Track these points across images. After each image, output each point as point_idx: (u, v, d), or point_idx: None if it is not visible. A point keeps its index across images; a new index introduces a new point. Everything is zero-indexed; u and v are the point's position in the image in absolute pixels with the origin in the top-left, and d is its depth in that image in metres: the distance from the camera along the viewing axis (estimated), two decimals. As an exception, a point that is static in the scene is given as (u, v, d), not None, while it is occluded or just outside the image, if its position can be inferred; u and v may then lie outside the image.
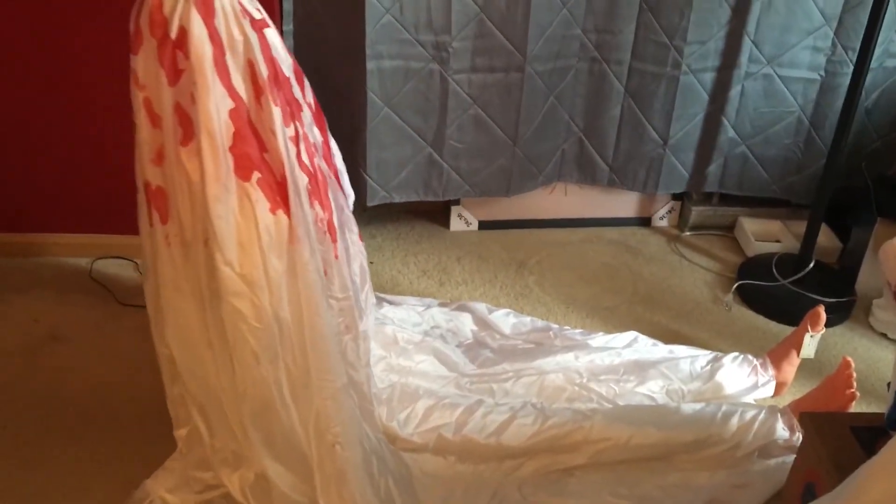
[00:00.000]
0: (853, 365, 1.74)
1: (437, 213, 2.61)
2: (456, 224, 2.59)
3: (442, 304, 2.10)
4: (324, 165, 1.51)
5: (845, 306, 2.27)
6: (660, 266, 2.48)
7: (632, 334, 2.02)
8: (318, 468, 1.47)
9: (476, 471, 1.65)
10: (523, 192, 2.49)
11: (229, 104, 1.29)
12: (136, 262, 2.28)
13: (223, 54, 1.27)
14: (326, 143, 1.58)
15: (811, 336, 1.90)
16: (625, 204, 2.65)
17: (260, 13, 1.34)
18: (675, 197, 2.65)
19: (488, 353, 1.93)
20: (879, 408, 1.95)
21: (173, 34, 1.25)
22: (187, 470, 1.57)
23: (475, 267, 2.41)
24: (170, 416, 1.58)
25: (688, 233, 2.65)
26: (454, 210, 2.57)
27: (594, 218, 2.65)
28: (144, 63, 1.29)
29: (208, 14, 1.25)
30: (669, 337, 2.10)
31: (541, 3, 2.16)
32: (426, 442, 1.64)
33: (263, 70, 1.31)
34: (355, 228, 1.64)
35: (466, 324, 2.04)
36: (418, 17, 2.13)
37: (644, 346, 1.99)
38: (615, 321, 2.20)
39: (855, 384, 1.72)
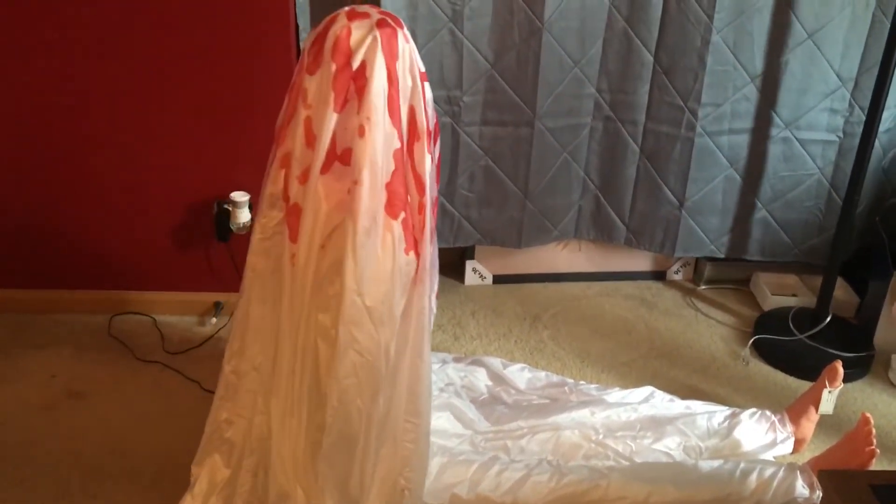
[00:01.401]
0: (872, 421, 1.72)
1: (452, 268, 2.62)
2: (470, 278, 2.60)
3: (456, 359, 2.10)
4: (431, 219, 1.54)
5: (864, 361, 2.25)
6: (676, 320, 2.47)
7: (648, 389, 2.01)
8: None
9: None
10: (536, 245, 2.50)
11: (396, 144, 1.35)
12: (154, 318, 2.30)
13: (397, 96, 1.34)
14: (436, 198, 1.61)
15: (829, 391, 1.88)
16: (639, 258, 2.65)
17: (423, 67, 1.41)
18: (690, 250, 2.65)
19: (503, 409, 1.92)
20: (901, 465, 1.93)
21: (354, 66, 1.31)
22: None
23: (490, 321, 2.42)
24: (183, 474, 1.58)
25: (703, 287, 2.65)
26: (469, 264, 2.58)
27: (608, 272, 2.66)
28: (318, 85, 1.34)
29: (392, 56, 1.32)
30: (686, 392, 2.09)
31: (551, 62, 2.20)
32: (441, 502, 1.62)
33: (422, 118, 1.38)
34: (436, 287, 1.66)
35: (481, 379, 2.04)
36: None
37: (661, 402, 1.97)
38: (631, 376, 2.19)
39: (875, 441, 1.70)
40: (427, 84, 1.42)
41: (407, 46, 1.35)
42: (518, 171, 2.35)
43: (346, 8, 1.35)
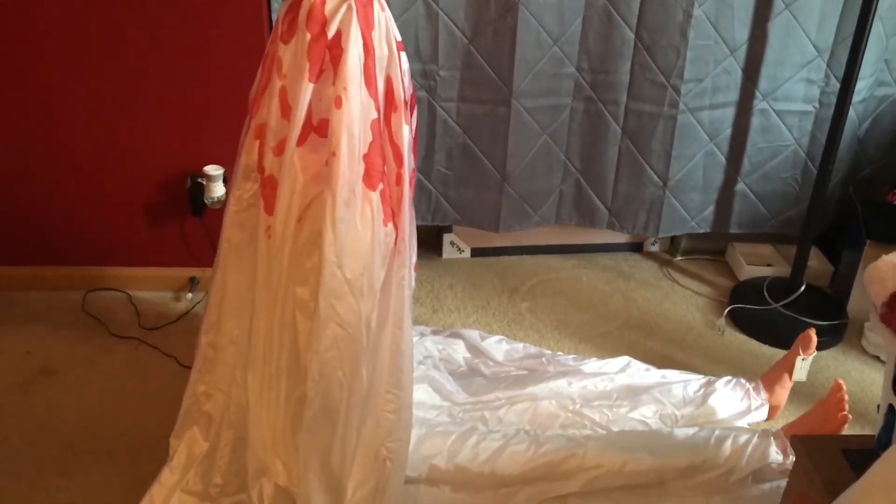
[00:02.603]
0: (845, 388, 1.74)
1: (430, 241, 2.62)
2: (448, 251, 2.60)
3: (435, 332, 2.10)
4: (408, 191, 1.54)
5: (837, 329, 2.27)
6: (652, 291, 2.49)
7: (624, 359, 2.02)
8: (351, 480, 1.46)
9: (472, 501, 1.64)
10: (516, 231, 2.47)
11: (373, 115, 1.33)
12: (128, 294, 2.28)
13: (374, 66, 1.32)
14: (414, 169, 1.60)
15: (803, 359, 1.91)
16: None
17: (399, 36, 1.39)
18: (667, 222, 2.66)
19: (481, 381, 1.93)
20: (873, 430, 1.95)
21: (330, 34, 1.29)
22: (181, 491, 1.57)
23: (468, 294, 2.42)
24: (159, 450, 1.57)
25: (679, 258, 2.66)
26: (446, 237, 2.58)
27: (586, 244, 2.66)
28: (293, 54, 1.32)
29: (367, 26, 1.30)
30: (662, 362, 2.11)
31: (529, 39, 2.16)
32: (419, 473, 1.64)
33: (399, 88, 1.36)
34: (415, 259, 1.66)
35: (459, 351, 2.04)
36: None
37: (637, 371, 1.99)
38: (608, 347, 2.21)
39: (847, 407, 1.72)
40: (403, 54, 1.41)
41: (383, 15, 1.34)
42: (496, 152, 2.32)
43: None
